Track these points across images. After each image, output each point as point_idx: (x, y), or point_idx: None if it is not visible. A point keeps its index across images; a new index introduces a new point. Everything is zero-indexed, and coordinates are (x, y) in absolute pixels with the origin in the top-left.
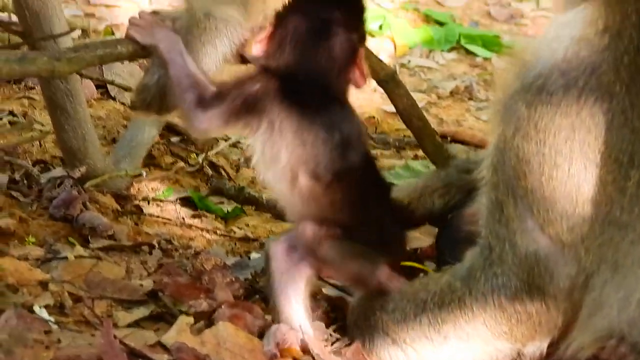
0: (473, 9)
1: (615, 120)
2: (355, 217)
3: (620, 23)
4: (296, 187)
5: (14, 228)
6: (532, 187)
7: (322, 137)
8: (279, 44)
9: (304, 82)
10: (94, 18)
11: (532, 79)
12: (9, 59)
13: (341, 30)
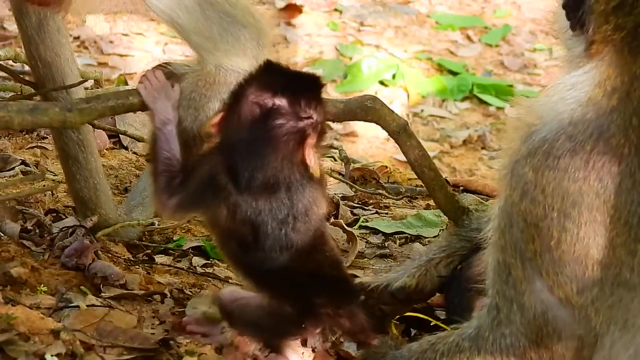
0: (486, 59)
1: (624, 183)
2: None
3: (629, 84)
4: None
5: (26, 277)
6: (541, 251)
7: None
8: (230, 129)
9: (246, 168)
10: (107, 67)
11: (538, 143)
12: (21, 110)
13: (287, 119)
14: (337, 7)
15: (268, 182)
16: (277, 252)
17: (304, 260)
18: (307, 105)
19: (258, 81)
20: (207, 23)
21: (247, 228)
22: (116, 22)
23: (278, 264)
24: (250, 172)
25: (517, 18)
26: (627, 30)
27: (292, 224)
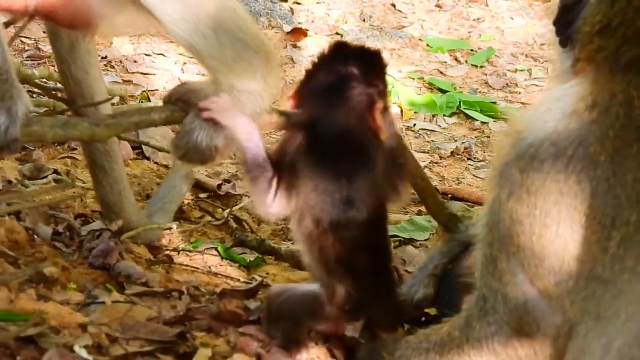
0: (472, 78)
1: (600, 186)
2: (342, 271)
3: (609, 101)
4: (301, 226)
5: (57, 275)
6: (524, 245)
7: (330, 189)
8: (306, 98)
9: (325, 132)
10: (132, 84)
11: (525, 147)
12: (54, 125)
13: (359, 84)
14: (339, 31)
15: (344, 146)
16: (349, 227)
17: (369, 240)
18: (374, 73)
19: (331, 55)
20: (221, 48)
21: (327, 201)
22: (140, 43)
23: (349, 240)
24: (328, 135)
25: (500, 42)
26: (608, 51)
27: (362, 197)
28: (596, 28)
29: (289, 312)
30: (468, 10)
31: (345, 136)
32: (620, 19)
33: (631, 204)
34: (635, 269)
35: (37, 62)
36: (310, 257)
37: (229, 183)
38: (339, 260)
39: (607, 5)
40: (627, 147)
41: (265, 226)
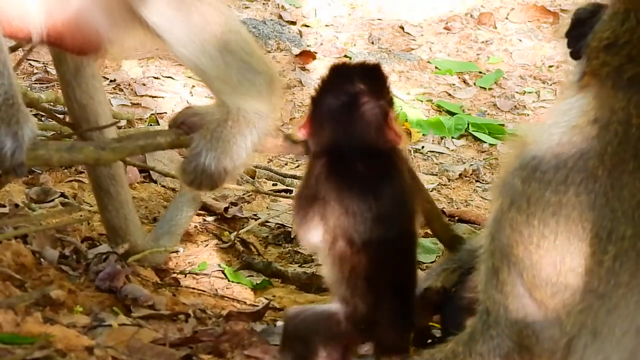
0: (480, 101)
1: (598, 200)
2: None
3: (609, 117)
4: (333, 249)
5: (64, 299)
6: (523, 255)
7: (360, 209)
8: (318, 124)
9: (347, 152)
10: (140, 107)
11: (529, 158)
12: (60, 148)
13: (368, 98)
14: (347, 54)
15: (367, 163)
16: (382, 244)
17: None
18: (379, 86)
19: (333, 78)
20: (227, 69)
21: (359, 221)
22: (148, 66)
23: (380, 259)
24: (349, 154)
25: (509, 64)
26: (612, 67)
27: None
28: (603, 43)
29: (304, 332)
30: (476, 33)
31: (367, 152)
32: (628, 37)
33: (627, 219)
34: (630, 283)
35: (45, 86)
36: (338, 277)
37: (236, 206)
38: (368, 279)
39: (617, 22)
40: (624, 163)
41: (272, 249)
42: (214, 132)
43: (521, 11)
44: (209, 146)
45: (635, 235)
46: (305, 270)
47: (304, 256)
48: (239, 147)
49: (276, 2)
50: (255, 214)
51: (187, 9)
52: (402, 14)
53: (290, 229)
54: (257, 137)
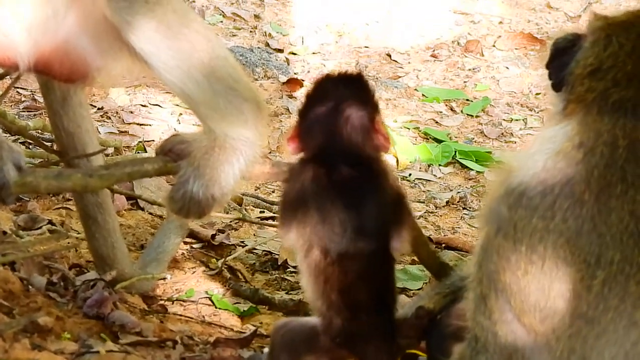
0: (468, 128)
1: (585, 225)
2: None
3: (594, 141)
4: (308, 258)
5: (52, 325)
6: (510, 281)
7: (339, 218)
8: (305, 135)
9: (333, 160)
10: (128, 135)
11: (515, 185)
12: (47, 176)
13: (353, 104)
14: None
15: (352, 173)
16: (357, 257)
17: (373, 271)
18: (363, 92)
19: (317, 89)
20: (214, 96)
21: (336, 231)
22: (136, 94)
23: (354, 272)
24: (334, 163)
25: (496, 92)
26: (598, 92)
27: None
28: (588, 70)
29: (289, 343)
30: (463, 60)
31: (353, 160)
32: (612, 62)
33: (615, 244)
34: (618, 307)
35: (33, 114)
36: (313, 289)
37: (223, 233)
38: (342, 292)
39: (600, 48)
40: (611, 187)
41: (259, 276)
42: (202, 159)
43: (508, 39)
44: (196, 174)
45: (624, 260)
46: (292, 297)
47: (291, 283)
48: (226, 174)
49: (263, 30)
50: (243, 241)
51: (175, 36)
52: (389, 41)
53: (277, 256)
54: (245, 165)
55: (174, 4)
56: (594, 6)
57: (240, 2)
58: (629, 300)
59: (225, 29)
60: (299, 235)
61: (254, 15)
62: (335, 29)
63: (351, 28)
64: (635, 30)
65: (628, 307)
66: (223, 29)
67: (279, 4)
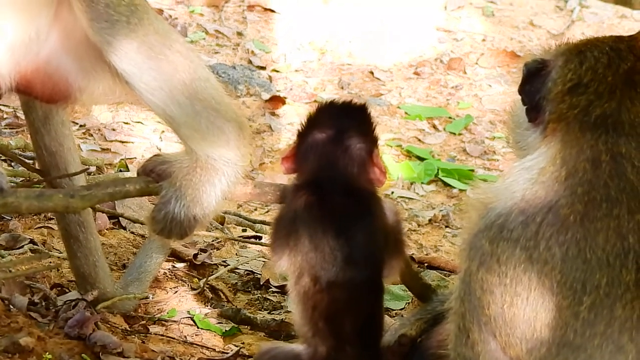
0: (450, 146)
1: (570, 251)
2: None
3: (576, 157)
4: (298, 284)
5: (33, 346)
6: (495, 314)
7: (331, 246)
8: (302, 158)
9: (327, 188)
10: (110, 152)
11: (493, 218)
12: (29, 196)
13: (354, 135)
14: (317, 99)
15: (346, 201)
16: (347, 287)
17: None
18: (365, 125)
19: (320, 114)
20: (196, 117)
21: (328, 259)
22: (118, 111)
23: (343, 302)
24: (330, 191)
25: (478, 109)
26: (579, 108)
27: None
28: (567, 86)
29: None
30: (446, 78)
31: (348, 191)
32: (591, 75)
33: (602, 267)
34: (605, 333)
35: (15, 131)
36: (301, 316)
37: (205, 253)
38: (329, 320)
39: (576, 64)
40: (596, 207)
41: (241, 296)
42: (183, 180)
43: (491, 56)
44: (178, 194)
45: (610, 283)
46: (274, 317)
47: (273, 303)
48: (208, 195)
49: (246, 47)
50: (225, 261)
51: (157, 57)
52: (371, 59)
53: (259, 276)
54: (227, 185)
55: (156, 24)
56: (577, 24)
57: (222, 19)
58: (616, 325)
59: (207, 46)
60: (290, 262)
61: (236, 32)
62: (318, 46)
63: (334, 45)
64: (606, 44)
65: (615, 331)
66: (205, 46)
67: (261, 21)
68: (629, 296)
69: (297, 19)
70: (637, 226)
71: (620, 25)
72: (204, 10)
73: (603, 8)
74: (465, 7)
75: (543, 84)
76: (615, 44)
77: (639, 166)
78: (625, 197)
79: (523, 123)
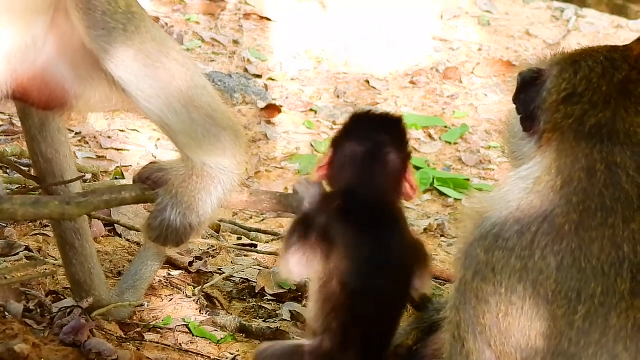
0: (446, 155)
1: (565, 260)
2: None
3: (571, 166)
4: (325, 288)
5: (28, 352)
6: (490, 324)
7: (362, 257)
8: (338, 168)
9: (362, 199)
10: (106, 160)
11: (489, 227)
12: (25, 203)
13: (391, 150)
14: (313, 107)
15: (380, 212)
16: (372, 297)
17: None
18: (402, 136)
19: (357, 124)
20: (193, 125)
21: (359, 268)
22: (114, 119)
23: (367, 304)
24: (364, 201)
25: (474, 119)
26: (574, 117)
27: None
28: (562, 95)
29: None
30: (442, 87)
31: (380, 203)
32: (585, 85)
33: (596, 276)
34: (600, 342)
35: (10, 138)
36: (317, 313)
37: (201, 260)
38: (344, 324)
39: (570, 74)
40: (591, 216)
41: (237, 304)
42: (180, 187)
43: (487, 66)
44: (174, 202)
45: (605, 292)
46: (269, 325)
47: (269, 311)
48: (204, 202)
49: (242, 56)
50: (220, 269)
51: (154, 65)
52: (367, 68)
53: (254, 284)
54: (223, 193)
55: (153, 32)
56: (573, 34)
57: (219, 27)
58: (611, 334)
59: (204, 54)
60: (317, 267)
61: (232, 40)
62: (314, 55)
63: (330, 54)
64: (601, 53)
65: (609, 341)
66: (202, 55)
67: (257, 29)
68: (623, 305)
69: (293, 27)
70: (632, 235)
71: (616, 35)
72: (200, 19)
73: (599, 18)
74: (461, 16)
75: (538, 94)
76: (610, 54)
77: (634, 175)
78: (620, 206)
79: (518, 133)
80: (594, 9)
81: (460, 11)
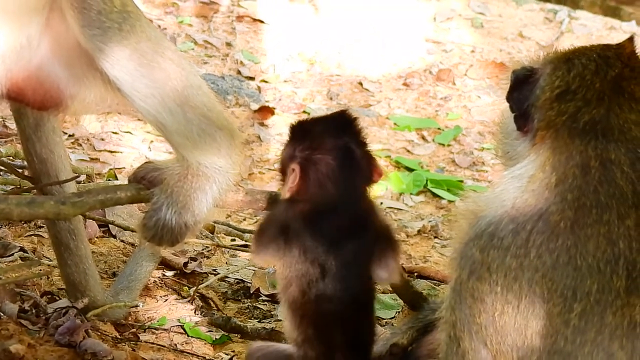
0: (439, 157)
1: (561, 258)
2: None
3: (566, 163)
4: (287, 293)
5: (23, 353)
6: (486, 323)
7: (321, 261)
8: (314, 184)
9: (331, 204)
10: (99, 162)
11: (484, 226)
12: (20, 203)
13: (356, 149)
14: (306, 109)
15: (341, 218)
16: (334, 301)
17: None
18: (359, 132)
19: (319, 134)
20: (188, 124)
21: (316, 273)
22: (107, 121)
23: (331, 314)
24: (333, 205)
25: (467, 120)
26: (568, 114)
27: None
28: (556, 93)
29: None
30: (435, 89)
31: (347, 203)
32: (579, 82)
33: (592, 274)
34: (595, 340)
35: (4, 140)
36: (290, 322)
37: (195, 261)
38: (318, 330)
39: (563, 71)
40: (586, 213)
41: (231, 304)
42: (175, 187)
43: (480, 68)
44: (169, 201)
45: (601, 289)
46: (264, 326)
47: (264, 311)
48: (199, 202)
49: (235, 58)
50: (215, 269)
51: (149, 64)
52: (360, 70)
53: (249, 285)
54: (218, 192)
55: (148, 31)
56: (566, 35)
57: (211, 29)
58: (606, 332)
59: (196, 56)
60: (281, 267)
61: (225, 42)
62: (307, 57)
63: (323, 56)
64: (594, 51)
65: (605, 338)
66: (194, 57)
67: (250, 31)
68: (619, 303)
69: (286, 30)
70: (627, 232)
71: (609, 36)
72: (192, 21)
73: (592, 20)
74: (454, 18)
75: (531, 92)
76: (603, 52)
77: (628, 172)
78: (615, 202)
79: (512, 132)
80: (587, 11)
81: (453, 13)
